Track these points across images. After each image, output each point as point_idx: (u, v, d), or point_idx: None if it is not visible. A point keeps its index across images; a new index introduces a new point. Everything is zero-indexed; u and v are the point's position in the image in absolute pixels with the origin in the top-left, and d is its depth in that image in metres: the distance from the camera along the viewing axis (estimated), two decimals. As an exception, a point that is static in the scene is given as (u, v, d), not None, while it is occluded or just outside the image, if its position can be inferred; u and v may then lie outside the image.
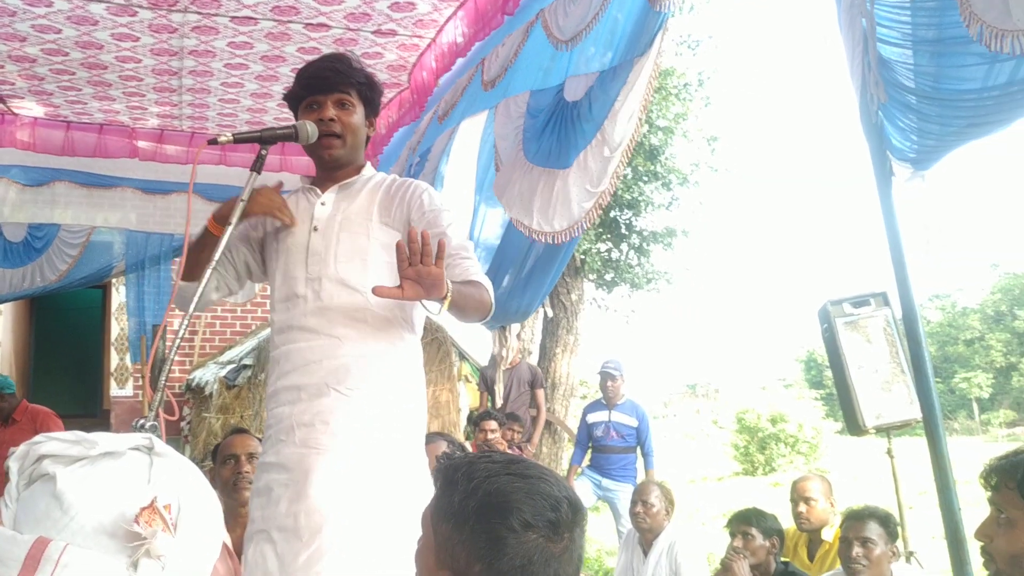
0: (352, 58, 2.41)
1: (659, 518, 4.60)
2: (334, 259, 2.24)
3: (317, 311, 2.21)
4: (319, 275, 2.23)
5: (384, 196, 2.34)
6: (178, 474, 1.06)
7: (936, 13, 1.90)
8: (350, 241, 2.26)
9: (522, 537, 1.20)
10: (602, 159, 3.31)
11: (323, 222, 2.30)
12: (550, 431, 9.57)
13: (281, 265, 2.33)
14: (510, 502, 1.22)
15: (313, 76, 2.34)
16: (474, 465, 1.28)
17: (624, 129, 3.22)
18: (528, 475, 1.26)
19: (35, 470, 1.02)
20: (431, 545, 1.28)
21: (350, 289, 2.22)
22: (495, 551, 1.20)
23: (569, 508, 1.25)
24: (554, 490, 1.25)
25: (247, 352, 9.22)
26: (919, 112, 2.09)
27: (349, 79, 2.33)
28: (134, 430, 1.57)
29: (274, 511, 2.10)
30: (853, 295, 4.24)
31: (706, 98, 10.59)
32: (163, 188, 5.51)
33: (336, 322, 2.20)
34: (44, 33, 3.78)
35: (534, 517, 1.21)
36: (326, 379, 2.16)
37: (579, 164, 3.43)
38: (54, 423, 5.92)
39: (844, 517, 3.53)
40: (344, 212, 2.31)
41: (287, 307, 2.27)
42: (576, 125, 3.45)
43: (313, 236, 2.29)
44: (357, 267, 2.24)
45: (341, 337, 2.19)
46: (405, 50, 4.01)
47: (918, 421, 3.88)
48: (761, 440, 17.25)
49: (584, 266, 10.26)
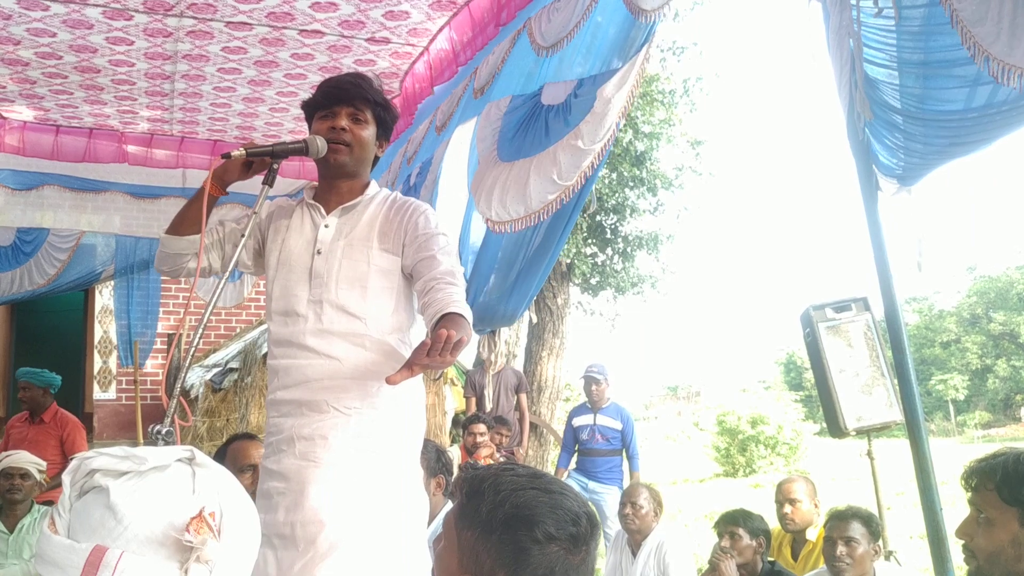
0: (372, 78, 2.48)
1: (648, 519, 4.67)
2: (335, 284, 2.30)
3: (317, 332, 2.28)
4: (320, 298, 2.30)
5: (384, 221, 2.39)
6: (219, 483, 1.13)
7: (922, 37, 1.98)
8: (351, 267, 2.32)
9: (545, 548, 1.28)
10: (575, 152, 3.27)
11: (326, 245, 2.36)
12: (536, 434, 9.64)
13: (281, 278, 2.38)
14: (535, 515, 1.29)
15: (333, 87, 2.42)
16: (500, 477, 1.35)
17: (600, 129, 3.20)
18: (552, 490, 1.33)
19: (87, 482, 1.08)
20: (454, 549, 1.35)
21: (350, 316, 2.28)
22: (519, 560, 1.27)
23: (587, 523, 1.33)
24: (575, 506, 1.33)
25: (233, 355, 9.21)
26: (904, 131, 2.16)
27: (366, 96, 2.40)
28: (150, 436, 1.63)
29: (273, 518, 2.17)
30: (835, 300, 4.32)
31: (691, 104, 10.69)
32: (152, 192, 5.53)
33: (336, 345, 2.27)
34: (39, 37, 3.80)
35: (557, 530, 1.29)
36: (326, 397, 2.24)
37: (547, 155, 3.39)
38: (80, 435, 5.94)
39: (828, 517, 3.61)
40: (347, 237, 2.37)
41: (286, 322, 2.34)
42: (551, 126, 3.45)
43: (316, 259, 2.34)
44: (357, 294, 2.30)
45: (341, 359, 2.26)
46: (398, 58, 4.06)
47: (898, 423, 3.97)
48: (741, 442, 17.40)
49: (570, 270, 10.33)
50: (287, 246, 2.40)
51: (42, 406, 5.83)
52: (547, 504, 1.30)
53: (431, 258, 2.29)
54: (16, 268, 5.57)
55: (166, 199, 5.55)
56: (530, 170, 3.47)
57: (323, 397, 2.24)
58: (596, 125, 3.16)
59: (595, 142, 3.19)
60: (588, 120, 3.20)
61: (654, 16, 2.81)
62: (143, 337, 6.56)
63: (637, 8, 2.78)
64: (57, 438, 5.80)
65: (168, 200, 5.55)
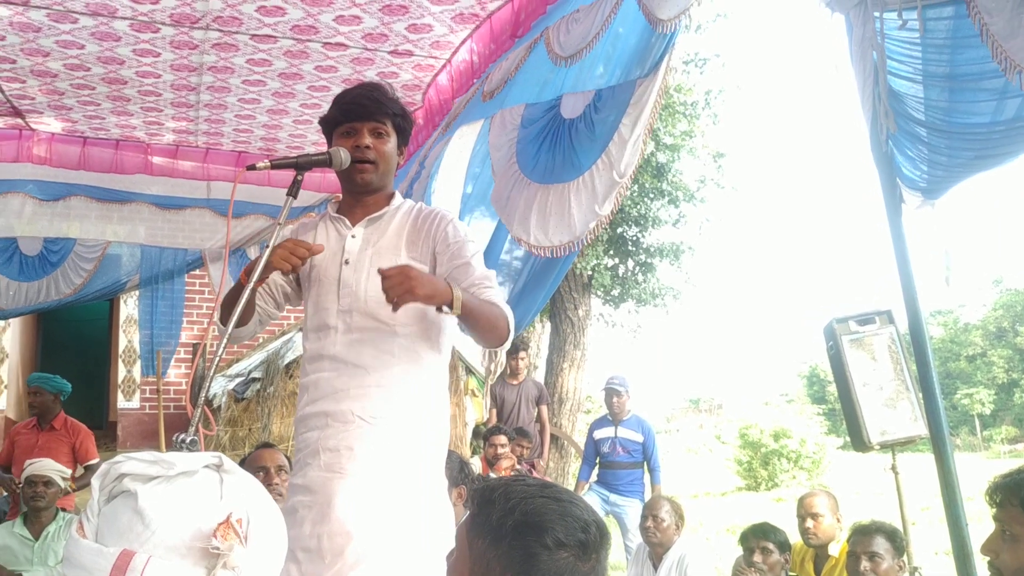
0: (386, 87, 2.49)
1: (669, 532, 4.65)
2: (364, 293, 2.32)
3: (347, 342, 2.30)
4: (350, 308, 2.32)
5: (411, 230, 2.42)
6: (246, 490, 1.13)
7: (947, 50, 1.97)
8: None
9: (555, 555, 1.29)
10: (611, 182, 3.34)
11: (354, 255, 2.38)
12: (556, 446, 9.61)
13: (313, 295, 2.41)
14: (545, 522, 1.30)
15: (352, 103, 2.42)
16: (511, 487, 1.36)
17: (631, 155, 3.25)
18: (561, 498, 1.35)
19: (115, 487, 1.09)
20: (465, 559, 1.36)
21: (380, 323, 2.30)
22: (529, 566, 1.28)
23: (597, 531, 1.34)
24: (584, 514, 1.34)
25: (256, 365, 9.27)
26: (929, 144, 2.15)
27: (386, 109, 2.41)
28: (175, 445, 1.64)
29: (298, 532, 2.17)
30: (858, 313, 4.29)
31: (713, 115, 10.67)
32: (177, 203, 5.57)
33: (364, 353, 2.29)
34: (67, 48, 3.86)
35: (566, 537, 1.30)
36: (352, 407, 2.25)
37: (584, 183, 3.45)
38: (92, 442, 6.01)
39: (852, 532, 3.58)
40: (375, 246, 2.39)
41: (319, 337, 2.36)
42: (576, 142, 3.47)
43: (344, 269, 2.37)
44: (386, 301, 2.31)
45: (368, 368, 2.28)
46: (420, 70, 4.09)
47: (922, 438, 3.93)
48: (764, 455, 17.26)
49: (592, 282, 10.32)
50: (315, 263, 2.42)
51: (52, 412, 5.89)
52: (557, 512, 1.32)
53: (466, 265, 2.33)
54: (43, 278, 5.63)
55: (191, 210, 5.59)
56: (570, 197, 3.52)
57: (348, 407, 2.25)
58: (626, 148, 3.20)
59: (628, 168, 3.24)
60: (616, 142, 3.23)
61: (672, 26, 2.82)
62: (166, 347, 6.60)
63: (655, 18, 2.79)
64: (69, 445, 5.86)
65: (192, 211, 5.60)
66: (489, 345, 2.37)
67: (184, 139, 5.16)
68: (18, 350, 10.65)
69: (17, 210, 5.42)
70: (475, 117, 4.10)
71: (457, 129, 4.15)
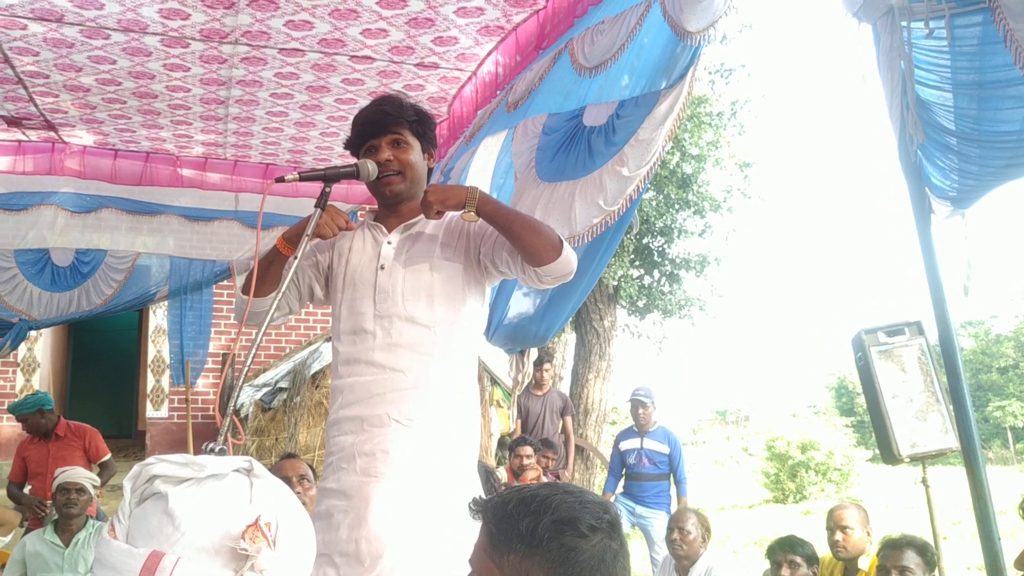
0: (400, 97, 2.52)
1: (695, 545, 4.62)
2: (402, 298, 2.34)
3: (386, 347, 2.32)
4: (388, 313, 2.34)
5: (445, 233, 2.45)
6: (276, 494, 1.14)
7: (976, 57, 1.95)
8: (415, 278, 2.37)
9: (592, 540, 1.31)
10: (620, 179, 3.29)
11: (389, 261, 2.40)
12: (582, 457, 9.59)
13: (347, 299, 2.42)
14: (574, 514, 1.32)
15: (365, 122, 2.46)
16: (522, 494, 1.38)
17: (645, 155, 3.22)
18: (571, 491, 1.39)
19: (147, 489, 1.10)
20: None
21: (419, 326, 2.32)
22: (571, 560, 1.30)
23: (612, 510, 1.40)
24: (595, 498, 1.39)
25: (282, 375, 9.33)
26: (959, 153, 2.13)
27: (399, 119, 2.44)
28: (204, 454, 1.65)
29: (335, 536, 2.18)
30: (887, 324, 4.25)
31: (740, 126, 10.63)
32: (206, 215, 5.64)
33: (403, 357, 2.30)
34: (100, 64, 3.92)
35: (596, 520, 1.33)
36: (388, 410, 2.27)
37: (592, 180, 3.42)
38: (100, 439, 6.08)
39: (882, 546, 3.54)
40: (409, 251, 2.42)
41: (354, 340, 2.37)
42: (594, 147, 3.46)
43: (380, 274, 2.39)
44: (424, 304, 2.34)
45: (405, 371, 2.29)
46: (446, 82, 4.11)
47: (953, 450, 3.88)
48: (791, 468, 17.08)
49: (617, 293, 10.30)
50: (351, 266, 2.45)
51: (48, 425, 5.95)
52: (577, 502, 1.35)
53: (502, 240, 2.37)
54: (74, 288, 5.71)
55: (219, 221, 5.66)
56: (575, 193, 3.49)
57: (384, 410, 2.27)
58: (641, 151, 3.17)
59: (640, 168, 3.20)
60: (632, 144, 3.20)
61: (699, 38, 2.80)
62: (195, 357, 6.67)
63: (683, 31, 2.78)
64: (81, 448, 5.95)
65: (221, 223, 5.67)
66: (542, 254, 2.25)
67: (213, 152, 5.22)
68: (49, 360, 10.80)
69: (50, 222, 5.51)
70: (499, 128, 4.11)
71: (482, 140, 4.17)
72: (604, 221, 3.41)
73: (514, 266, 2.34)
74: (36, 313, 5.73)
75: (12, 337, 5.74)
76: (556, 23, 3.41)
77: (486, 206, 2.27)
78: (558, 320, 4.37)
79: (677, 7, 2.68)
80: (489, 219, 2.28)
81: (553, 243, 2.26)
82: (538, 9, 3.43)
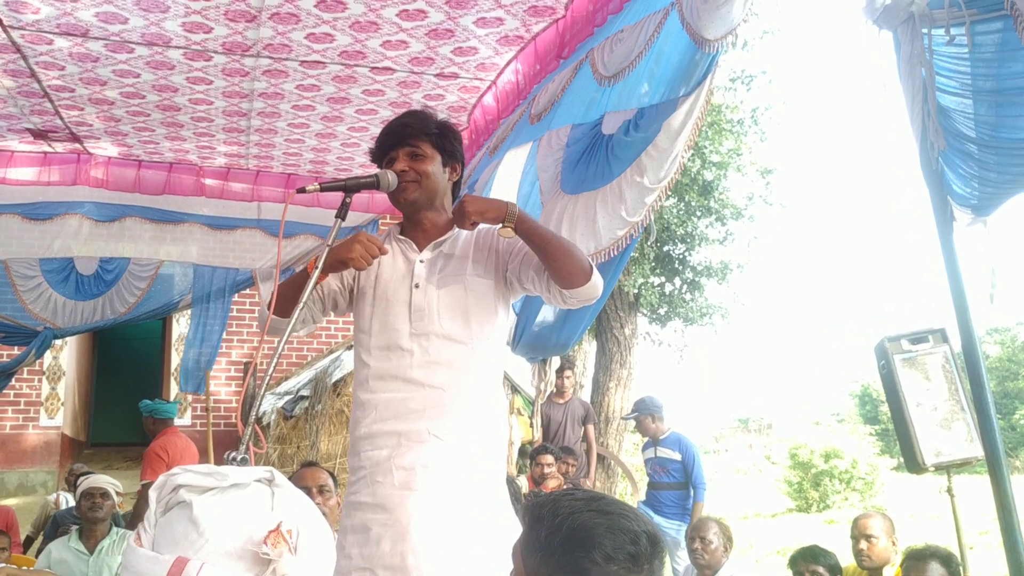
0: (427, 111, 2.55)
1: (717, 554, 4.60)
2: (438, 316, 2.36)
3: (424, 364, 2.33)
4: (426, 331, 2.35)
5: (475, 250, 2.47)
6: (297, 503, 1.17)
7: (995, 65, 1.94)
8: (450, 296, 2.39)
9: (604, 569, 1.29)
10: (640, 189, 3.28)
11: (423, 279, 2.42)
12: (603, 465, 9.56)
13: (379, 313, 2.42)
14: (593, 537, 1.31)
15: (386, 133, 2.50)
16: (559, 502, 1.37)
17: (666, 165, 3.21)
18: (609, 511, 1.35)
19: (172, 498, 1.13)
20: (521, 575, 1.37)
21: (457, 343, 2.35)
22: None
23: (648, 542, 1.34)
24: (634, 525, 1.34)
25: (304, 383, 9.38)
26: (979, 160, 2.12)
27: (419, 131, 2.46)
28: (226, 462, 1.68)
29: (376, 550, 2.19)
30: (911, 331, 4.21)
31: (761, 132, 10.59)
32: (228, 224, 5.69)
33: (442, 374, 2.32)
34: (124, 77, 3.97)
35: (615, 551, 1.30)
36: (428, 427, 2.28)
37: (612, 189, 3.41)
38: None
39: (905, 557, 3.51)
40: (442, 271, 2.43)
41: (387, 356, 2.37)
42: (612, 155, 3.46)
43: (415, 293, 2.40)
44: (460, 321, 2.37)
45: (444, 388, 2.31)
46: (466, 92, 4.13)
47: (979, 459, 3.84)
48: (815, 476, 16.95)
49: (638, 300, 10.28)
50: (381, 280, 2.46)
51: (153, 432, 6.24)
52: (604, 525, 1.32)
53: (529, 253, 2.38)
54: (98, 297, 5.77)
55: (241, 230, 5.71)
56: (596, 204, 3.49)
57: (424, 426, 2.28)
58: (660, 160, 3.17)
59: (659, 180, 3.20)
60: (650, 153, 3.20)
61: (718, 46, 2.79)
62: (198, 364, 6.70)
63: (701, 38, 2.78)
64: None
65: (244, 231, 5.71)
66: (573, 278, 2.28)
67: (235, 162, 5.27)
68: (74, 368, 10.92)
69: (74, 231, 5.58)
70: (523, 140, 4.13)
71: (506, 152, 4.18)
72: (629, 234, 3.42)
73: (539, 284, 2.36)
74: (60, 321, 5.79)
75: (37, 345, 5.80)
76: (575, 32, 3.42)
77: (524, 223, 2.28)
78: (578, 328, 4.38)
79: (695, 15, 2.68)
80: (526, 237, 2.30)
81: (584, 268, 2.29)
82: (557, 18, 3.44)
